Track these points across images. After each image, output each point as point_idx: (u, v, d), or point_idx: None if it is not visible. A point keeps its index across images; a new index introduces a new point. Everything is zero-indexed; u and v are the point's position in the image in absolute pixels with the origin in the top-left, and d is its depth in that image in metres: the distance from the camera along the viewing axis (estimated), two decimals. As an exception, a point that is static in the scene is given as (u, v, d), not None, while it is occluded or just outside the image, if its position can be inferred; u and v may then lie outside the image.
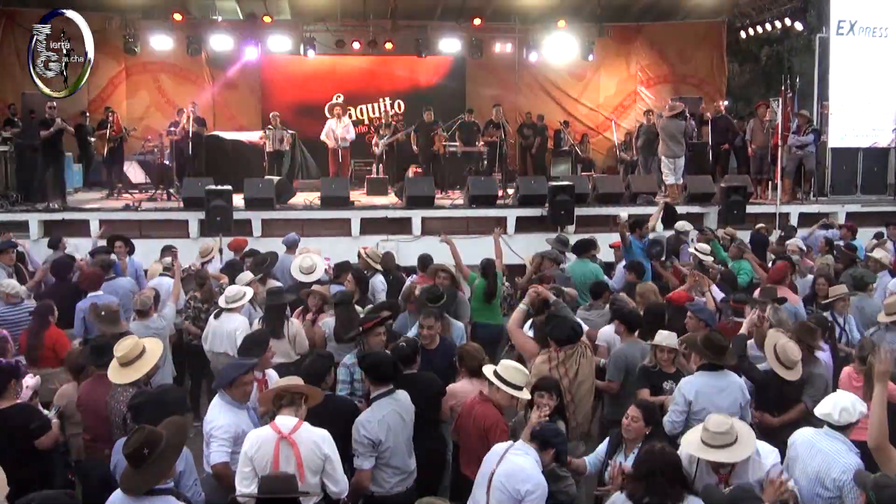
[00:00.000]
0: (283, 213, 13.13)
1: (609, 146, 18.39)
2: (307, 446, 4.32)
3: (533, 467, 4.22)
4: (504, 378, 4.86)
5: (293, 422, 4.39)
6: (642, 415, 4.66)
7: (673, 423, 5.18)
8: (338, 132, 15.45)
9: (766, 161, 14.67)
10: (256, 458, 4.28)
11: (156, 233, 12.15)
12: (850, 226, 11.61)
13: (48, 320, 6.85)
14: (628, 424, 4.66)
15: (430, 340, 6.07)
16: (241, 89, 18.20)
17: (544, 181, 13.73)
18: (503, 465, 4.24)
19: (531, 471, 4.20)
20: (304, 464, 4.27)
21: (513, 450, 4.32)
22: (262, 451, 4.30)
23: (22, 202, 12.89)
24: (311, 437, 4.36)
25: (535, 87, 18.88)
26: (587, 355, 5.56)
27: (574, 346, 5.49)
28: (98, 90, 17.22)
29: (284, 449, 4.28)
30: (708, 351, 5.29)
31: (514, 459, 4.25)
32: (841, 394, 4.59)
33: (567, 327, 5.56)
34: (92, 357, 5.58)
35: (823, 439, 4.37)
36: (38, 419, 5.13)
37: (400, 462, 4.87)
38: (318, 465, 4.34)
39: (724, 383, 5.25)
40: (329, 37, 17.22)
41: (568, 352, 5.44)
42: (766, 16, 16.91)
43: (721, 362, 5.27)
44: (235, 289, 7.26)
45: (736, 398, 5.21)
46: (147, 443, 3.81)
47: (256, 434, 4.42)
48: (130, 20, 16.30)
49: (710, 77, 18.73)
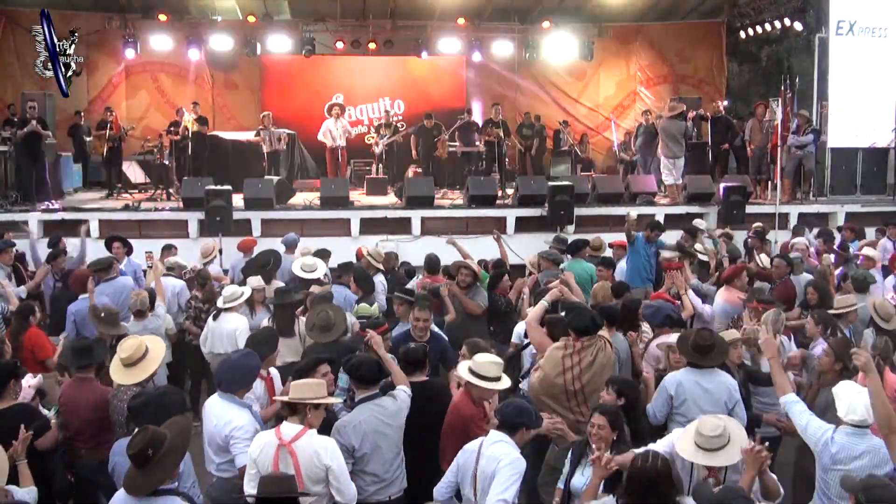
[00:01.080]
0: (283, 213, 13.14)
1: (609, 146, 18.37)
2: (306, 455, 4.28)
3: (507, 451, 4.27)
4: (479, 373, 4.88)
5: (296, 430, 4.36)
6: (607, 420, 4.51)
7: (654, 413, 5.24)
8: (336, 132, 15.45)
9: (765, 161, 14.67)
10: (259, 461, 4.29)
11: (155, 233, 12.17)
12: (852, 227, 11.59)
13: (29, 322, 6.83)
14: (595, 433, 4.51)
15: (424, 333, 6.14)
16: (241, 89, 18.21)
17: (544, 181, 13.75)
18: (482, 459, 4.29)
19: (507, 450, 4.27)
20: (303, 472, 4.24)
21: (486, 442, 4.37)
22: (264, 455, 4.30)
23: (21, 202, 12.90)
24: (312, 446, 4.32)
25: (534, 87, 18.86)
26: (606, 350, 5.49)
27: (593, 339, 5.41)
28: (98, 90, 17.22)
29: (283, 456, 4.27)
30: (693, 351, 5.26)
31: (492, 449, 4.30)
32: (856, 393, 4.51)
33: (587, 318, 5.50)
34: (72, 359, 5.57)
35: (860, 441, 4.36)
36: (37, 419, 5.12)
37: (378, 469, 4.72)
38: (317, 475, 4.30)
39: (710, 382, 5.19)
40: (329, 37, 17.21)
41: (586, 343, 5.37)
42: (765, 16, 16.90)
43: (704, 363, 5.23)
44: (232, 288, 7.27)
45: (721, 398, 5.14)
46: (151, 443, 3.80)
47: (262, 437, 4.42)
48: (130, 20, 16.29)
49: (710, 77, 18.74)
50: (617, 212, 13.48)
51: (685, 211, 13.46)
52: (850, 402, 4.40)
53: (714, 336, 5.47)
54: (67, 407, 5.40)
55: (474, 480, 4.31)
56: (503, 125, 15.42)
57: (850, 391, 4.50)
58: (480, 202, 13.41)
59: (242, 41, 16.62)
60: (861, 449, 4.32)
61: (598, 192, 13.92)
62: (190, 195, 12.68)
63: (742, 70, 19.30)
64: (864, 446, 4.33)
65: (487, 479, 4.23)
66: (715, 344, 5.31)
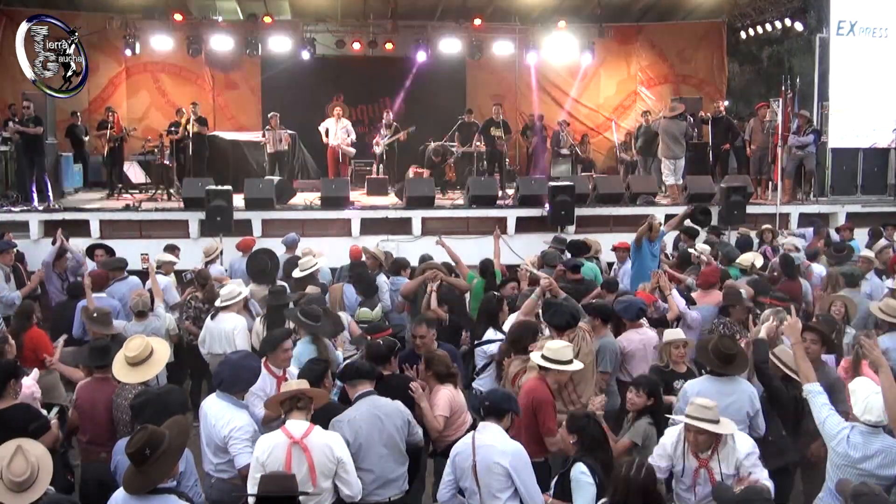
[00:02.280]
0: (284, 214, 13.13)
1: (609, 146, 18.39)
2: (319, 450, 4.30)
3: (500, 439, 4.40)
4: (553, 358, 5.08)
5: (304, 426, 4.37)
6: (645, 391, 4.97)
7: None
8: (337, 132, 15.44)
9: (765, 161, 14.67)
10: (269, 464, 4.25)
11: (156, 233, 12.17)
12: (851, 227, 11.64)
13: (31, 321, 6.85)
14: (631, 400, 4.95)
15: (427, 350, 5.86)
16: (242, 89, 18.21)
17: (544, 181, 13.73)
18: (478, 450, 4.38)
19: (501, 443, 4.37)
20: (317, 468, 4.26)
21: (477, 434, 4.48)
22: (274, 455, 4.27)
23: (22, 202, 12.91)
24: (323, 441, 4.34)
25: (534, 88, 18.86)
26: (587, 339, 5.76)
27: (574, 331, 5.74)
28: (98, 90, 17.21)
29: (296, 453, 4.27)
30: (715, 359, 5.20)
31: (482, 440, 4.41)
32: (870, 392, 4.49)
33: (566, 313, 5.79)
34: (92, 359, 5.57)
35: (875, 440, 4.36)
36: (37, 420, 5.11)
37: (374, 465, 4.69)
38: (329, 470, 4.31)
39: (730, 390, 5.14)
40: (329, 37, 17.21)
41: (568, 336, 5.65)
42: (766, 16, 16.89)
43: (725, 371, 5.17)
44: (230, 287, 7.26)
45: (742, 407, 5.10)
46: (149, 443, 3.81)
47: (268, 439, 4.39)
48: (131, 20, 16.28)
49: (711, 77, 18.73)
50: (617, 212, 13.50)
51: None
52: (868, 402, 4.40)
53: (736, 344, 5.43)
54: (84, 408, 5.42)
55: (475, 472, 4.37)
56: (504, 125, 15.41)
57: (867, 390, 4.49)
58: (481, 202, 13.41)
59: (243, 41, 16.62)
60: (875, 448, 4.32)
61: (598, 193, 13.91)
62: (190, 195, 12.68)
63: (743, 70, 19.29)
64: (879, 445, 4.33)
65: (488, 469, 4.31)
66: (737, 353, 5.26)
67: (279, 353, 5.49)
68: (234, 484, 4.68)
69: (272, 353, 5.50)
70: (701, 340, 5.79)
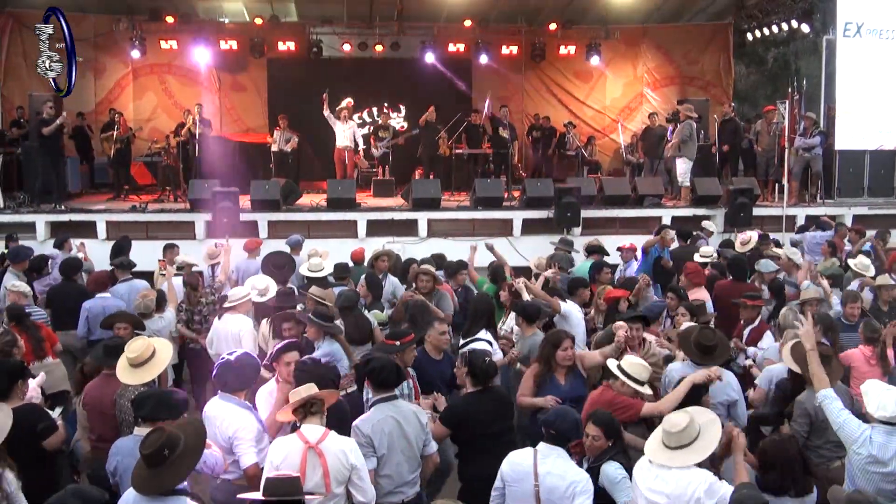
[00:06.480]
0: (290, 215, 13.15)
1: (615, 148, 18.33)
2: (334, 456, 4.26)
3: (568, 467, 4.29)
4: (628, 373, 4.98)
5: (320, 431, 4.34)
6: (602, 431, 4.46)
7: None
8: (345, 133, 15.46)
9: (772, 163, 14.62)
10: (283, 468, 4.21)
11: (162, 234, 12.18)
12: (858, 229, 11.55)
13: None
14: (590, 444, 4.48)
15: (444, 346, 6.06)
16: (248, 91, 18.23)
17: (550, 183, 13.72)
18: (542, 477, 4.24)
19: (572, 473, 4.26)
20: (331, 474, 4.22)
21: (540, 457, 4.32)
22: (289, 460, 4.24)
23: (28, 204, 12.94)
24: (339, 446, 4.31)
25: (541, 90, 18.85)
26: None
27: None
28: (105, 92, 17.26)
29: (312, 458, 4.23)
30: (696, 350, 5.35)
31: (547, 468, 4.26)
32: (885, 390, 4.47)
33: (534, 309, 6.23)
34: (105, 358, 5.58)
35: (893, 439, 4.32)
36: (44, 420, 5.13)
37: (394, 471, 4.68)
38: (344, 475, 4.28)
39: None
40: (335, 39, 17.23)
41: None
42: (772, 18, 16.83)
43: (706, 362, 5.26)
44: (237, 287, 7.26)
45: (721, 396, 5.22)
46: (167, 444, 3.79)
47: (283, 443, 4.35)
48: (137, 22, 16.33)
49: (717, 79, 18.65)
50: (624, 214, 13.48)
51: (692, 213, 13.43)
52: (880, 399, 4.38)
53: (717, 335, 5.53)
54: (91, 406, 5.43)
55: (537, 500, 4.26)
56: (511, 127, 15.39)
57: (878, 388, 4.49)
58: (487, 204, 13.40)
59: (249, 43, 16.63)
60: (894, 447, 4.27)
61: (604, 195, 13.89)
62: (197, 196, 12.70)
63: (749, 72, 19.27)
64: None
65: (559, 498, 4.20)
66: (718, 343, 5.38)
67: (281, 367, 5.40)
68: (239, 485, 4.67)
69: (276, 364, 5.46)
70: (683, 332, 5.97)
